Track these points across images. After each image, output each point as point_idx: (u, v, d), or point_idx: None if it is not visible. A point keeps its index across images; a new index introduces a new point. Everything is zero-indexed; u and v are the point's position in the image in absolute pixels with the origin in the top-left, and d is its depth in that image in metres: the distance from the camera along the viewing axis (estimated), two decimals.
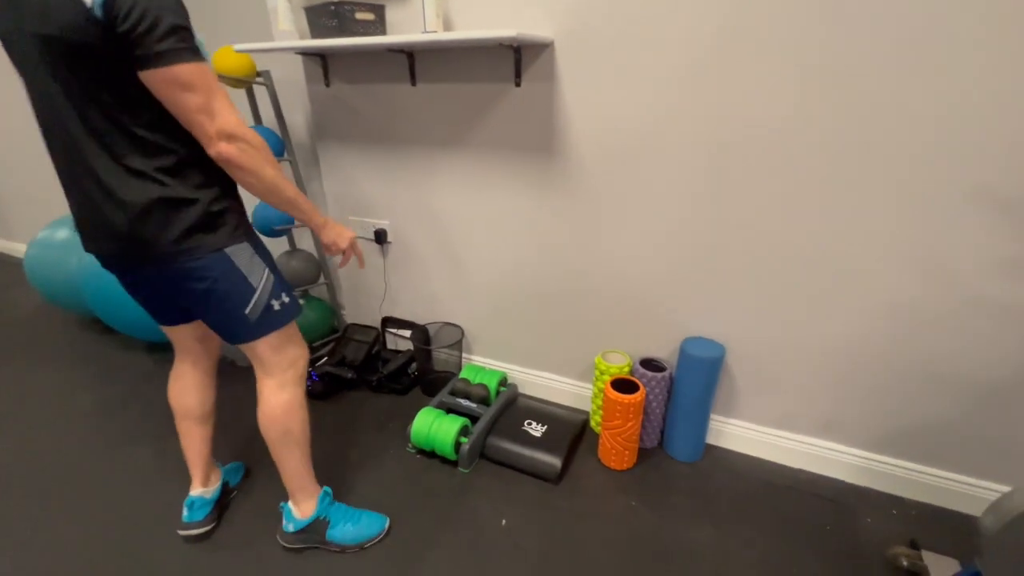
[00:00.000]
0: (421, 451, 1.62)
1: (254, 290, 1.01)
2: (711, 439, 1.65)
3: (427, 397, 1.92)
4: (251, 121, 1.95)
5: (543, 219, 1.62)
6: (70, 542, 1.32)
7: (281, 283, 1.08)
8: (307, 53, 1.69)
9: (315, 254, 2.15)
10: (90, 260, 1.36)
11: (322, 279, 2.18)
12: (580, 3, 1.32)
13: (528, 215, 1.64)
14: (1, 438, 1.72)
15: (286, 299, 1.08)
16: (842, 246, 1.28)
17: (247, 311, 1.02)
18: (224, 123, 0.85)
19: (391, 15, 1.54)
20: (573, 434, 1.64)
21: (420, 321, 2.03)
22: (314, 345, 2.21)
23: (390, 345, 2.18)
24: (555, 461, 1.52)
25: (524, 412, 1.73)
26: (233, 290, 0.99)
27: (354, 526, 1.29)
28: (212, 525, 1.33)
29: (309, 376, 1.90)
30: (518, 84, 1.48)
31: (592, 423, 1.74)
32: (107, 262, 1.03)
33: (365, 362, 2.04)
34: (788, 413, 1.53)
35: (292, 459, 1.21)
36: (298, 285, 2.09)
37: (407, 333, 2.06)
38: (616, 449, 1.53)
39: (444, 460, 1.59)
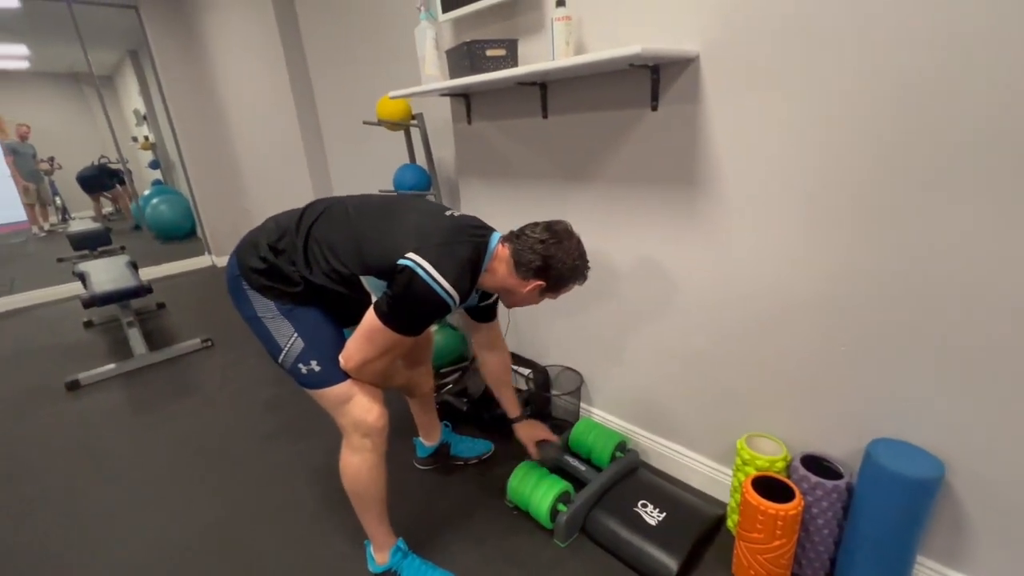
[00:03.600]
0: (518, 507, 1.48)
1: (277, 346, 1.13)
2: None
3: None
4: (406, 159, 2.12)
5: (681, 260, 1.37)
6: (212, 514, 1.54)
7: (311, 352, 1.12)
8: (450, 94, 1.77)
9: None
10: None
11: None
12: (735, 6, 1.08)
13: (663, 255, 1.40)
14: (192, 413, 2.14)
15: (316, 367, 1.11)
16: None
17: (279, 360, 1.14)
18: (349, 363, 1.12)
19: (524, 48, 1.50)
20: (700, 531, 1.31)
21: (541, 360, 1.92)
22: (442, 371, 2.27)
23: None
24: (670, 562, 1.22)
25: (642, 488, 1.45)
26: (263, 336, 1.15)
27: None
28: (431, 466, 1.69)
29: None
30: (655, 108, 1.28)
31: (729, 523, 1.37)
32: None
33: (483, 396, 2.00)
34: None
35: (363, 514, 1.24)
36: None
37: (527, 372, 1.96)
38: (756, 570, 1.16)
39: (541, 524, 1.42)
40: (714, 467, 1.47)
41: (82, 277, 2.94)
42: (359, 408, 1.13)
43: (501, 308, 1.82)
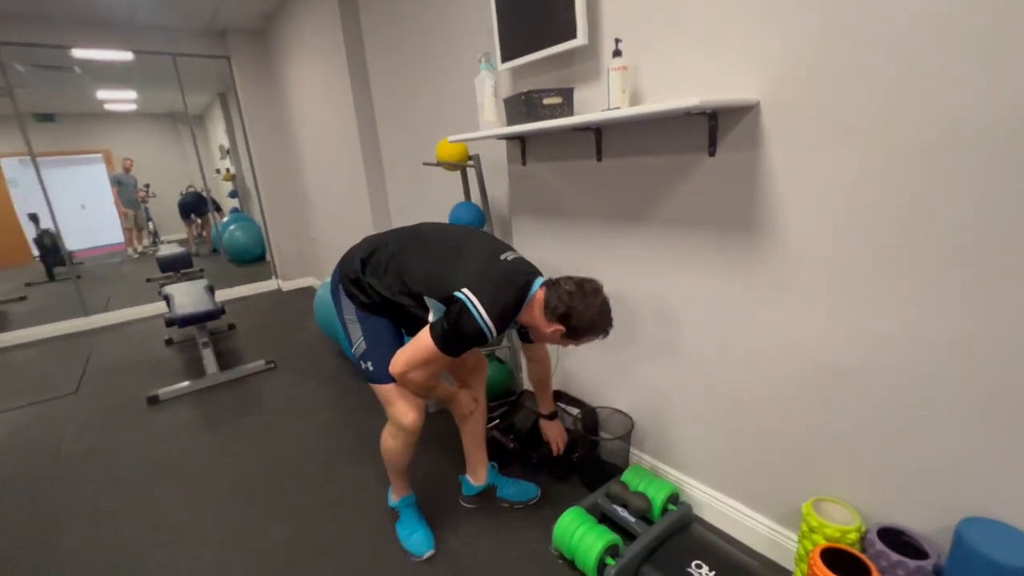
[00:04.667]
0: (563, 556, 1.44)
1: (351, 342, 1.41)
2: None
3: (585, 490, 1.73)
4: (462, 197, 2.20)
5: (739, 307, 1.32)
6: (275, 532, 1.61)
7: (371, 353, 1.37)
8: (506, 137, 1.83)
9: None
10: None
11: (506, 341, 2.26)
12: (798, 55, 1.06)
13: (721, 301, 1.36)
14: (257, 433, 2.26)
15: (371, 367, 1.37)
16: None
17: (351, 354, 1.43)
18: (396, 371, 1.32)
19: (580, 95, 1.54)
20: None
21: (591, 401, 1.88)
22: (490, 405, 2.28)
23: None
24: None
25: (695, 547, 1.37)
26: (344, 333, 1.43)
27: (408, 537, 1.53)
28: (476, 505, 1.73)
29: None
30: (712, 154, 1.27)
31: None
32: None
33: (530, 434, 1.99)
34: None
35: (389, 471, 1.54)
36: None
37: (575, 411, 1.93)
38: None
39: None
40: (776, 529, 1.37)
41: (167, 299, 3.23)
42: (399, 410, 1.37)
43: (552, 347, 1.81)
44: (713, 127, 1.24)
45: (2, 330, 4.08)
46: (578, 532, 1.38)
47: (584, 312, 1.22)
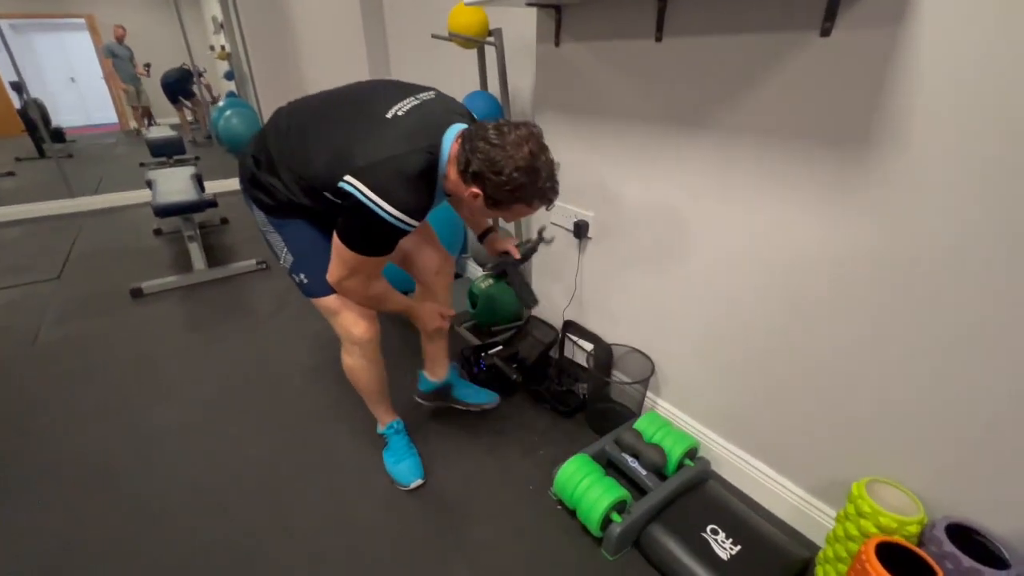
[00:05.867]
0: (563, 504, 1.31)
1: (277, 256, 1.20)
2: None
3: (592, 433, 1.58)
4: (477, 85, 1.83)
5: (821, 243, 1.04)
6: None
7: (301, 265, 1.16)
8: (538, 3, 1.43)
9: (513, 233, 1.98)
10: None
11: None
12: None
13: (792, 232, 1.08)
14: (243, 336, 2.11)
15: (304, 279, 1.17)
16: None
17: (281, 264, 1.20)
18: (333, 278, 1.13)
19: None
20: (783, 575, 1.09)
21: (607, 337, 1.68)
22: (493, 330, 2.09)
23: (568, 352, 1.90)
24: None
25: (713, 508, 1.23)
26: (269, 246, 1.22)
27: (394, 465, 1.40)
28: (430, 403, 1.62)
29: (477, 363, 1.78)
30: (826, 32, 0.92)
31: (819, 573, 1.13)
32: None
33: (536, 365, 1.81)
34: None
35: (364, 399, 1.41)
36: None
37: (588, 346, 1.73)
38: None
39: (588, 530, 1.25)
40: (807, 500, 1.22)
41: (150, 185, 2.96)
42: (347, 321, 1.20)
43: (565, 272, 1.57)
44: None
45: None
46: (583, 483, 1.23)
47: (504, 167, 0.91)
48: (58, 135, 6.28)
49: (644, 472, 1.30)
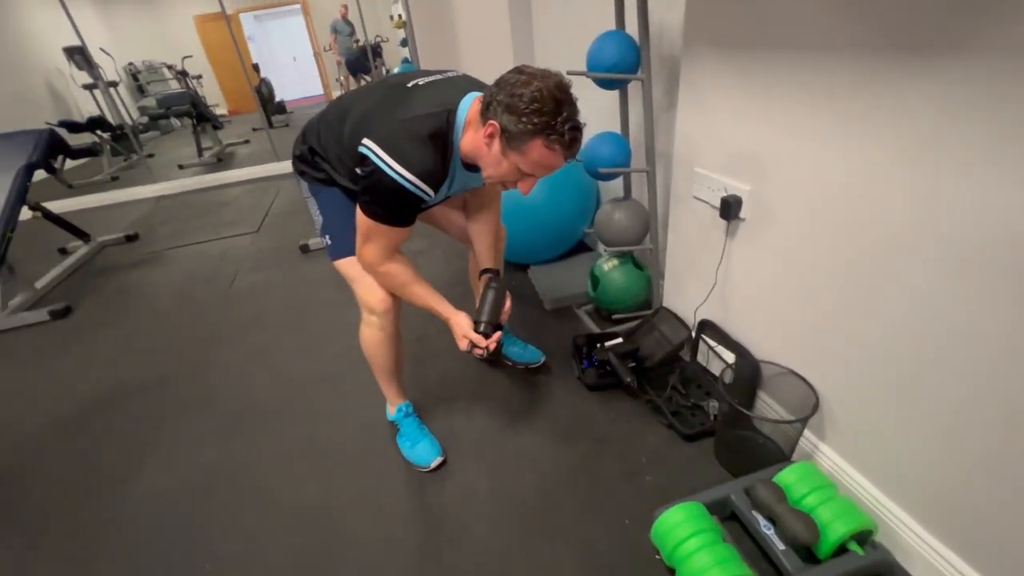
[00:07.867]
0: (662, 558, 1.05)
1: (313, 221, 1.27)
2: None
3: (719, 467, 1.26)
4: (613, 23, 1.49)
5: None
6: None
7: (327, 227, 1.22)
8: None
9: (646, 207, 1.65)
10: None
11: (648, 242, 1.69)
12: None
13: None
14: None
15: (329, 241, 1.23)
16: None
17: (317, 230, 1.28)
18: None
19: None
20: None
21: (753, 349, 1.30)
22: (615, 317, 1.83)
23: (700, 359, 1.55)
24: None
25: None
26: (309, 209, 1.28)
27: (410, 449, 1.36)
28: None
29: (589, 357, 1.56)
30: None
31: None
32: None
33: (658, 367, 1.52)
34: None
35: (376, 375, 1.38)
36: (619, 244, 1.69)
37: (729, 356, 1.37)
38: None
39: None
40: None
41: None
42: (364, 289, 1.20)
43: (703, 260, 1.24)
44: None
45: (227, 168, 4.92)
46: (689, 544, 0.96)
47: (523, 92, 0.86)
48: (280, 108, 7.58)
49: (782, 547, 0.97)
